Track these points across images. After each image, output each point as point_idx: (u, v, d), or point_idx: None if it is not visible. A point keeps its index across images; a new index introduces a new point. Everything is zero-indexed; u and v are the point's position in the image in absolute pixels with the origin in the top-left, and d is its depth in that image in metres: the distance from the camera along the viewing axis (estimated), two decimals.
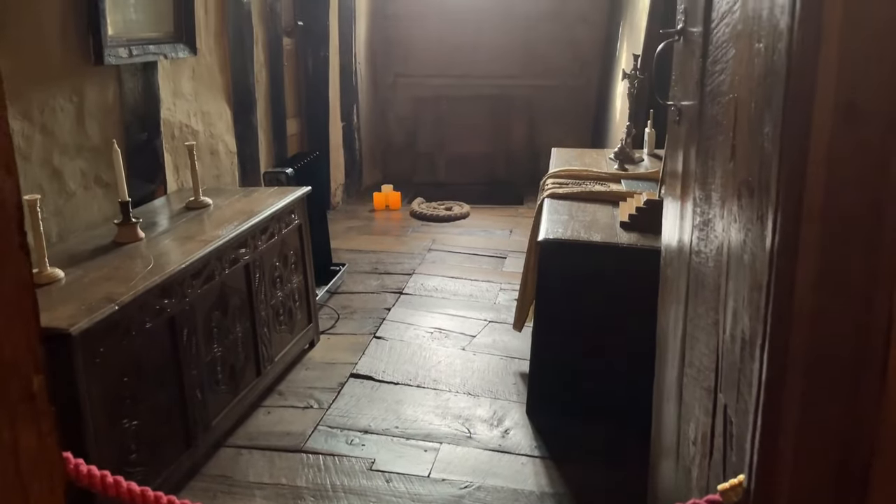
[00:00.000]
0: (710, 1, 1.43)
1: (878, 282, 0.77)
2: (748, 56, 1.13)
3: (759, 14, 1.06)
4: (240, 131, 4.19)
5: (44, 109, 2.68)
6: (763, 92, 1.03)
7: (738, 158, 1.18)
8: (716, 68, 1.37)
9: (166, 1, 3.38)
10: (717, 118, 1.35)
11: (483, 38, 6.85)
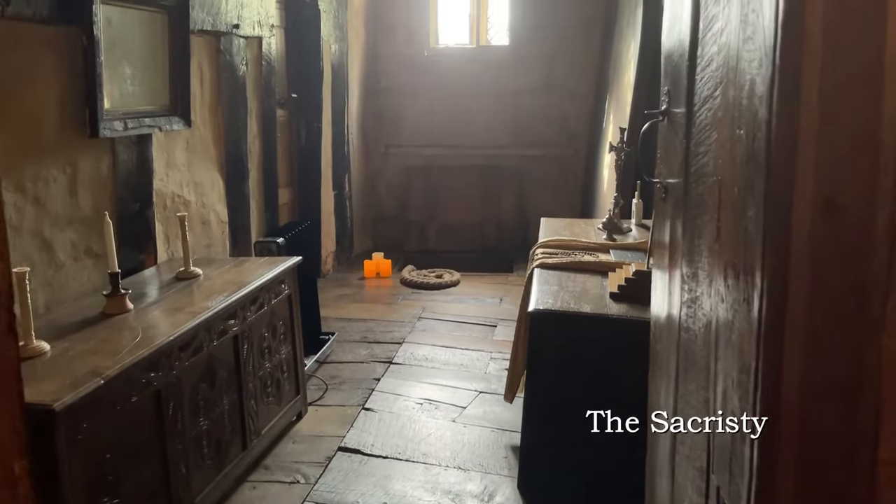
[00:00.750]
0: (692, 85, 1.48)
1: (863, 369, 0.78)
2: (730, 141, 1.17)
3: (740, 102, 1.10)
4: (232, 201, 4.22)
5: (37, 181, 2.70)
6: (745, 176, 1.06)
7: (723, 239, 1.20)
8: (699, 150, 1.41)
9: (162, 75, 3.45)
10: (703, 198, 1.38)
11: (473, 109, 7.01)
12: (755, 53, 1.02)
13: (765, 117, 0.87)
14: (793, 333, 0.81)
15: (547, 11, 6.74)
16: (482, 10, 7.04)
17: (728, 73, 1.18)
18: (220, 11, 3.96)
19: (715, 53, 1.29)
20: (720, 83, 1.24)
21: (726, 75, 1.20)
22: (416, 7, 6.96)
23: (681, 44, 1.62)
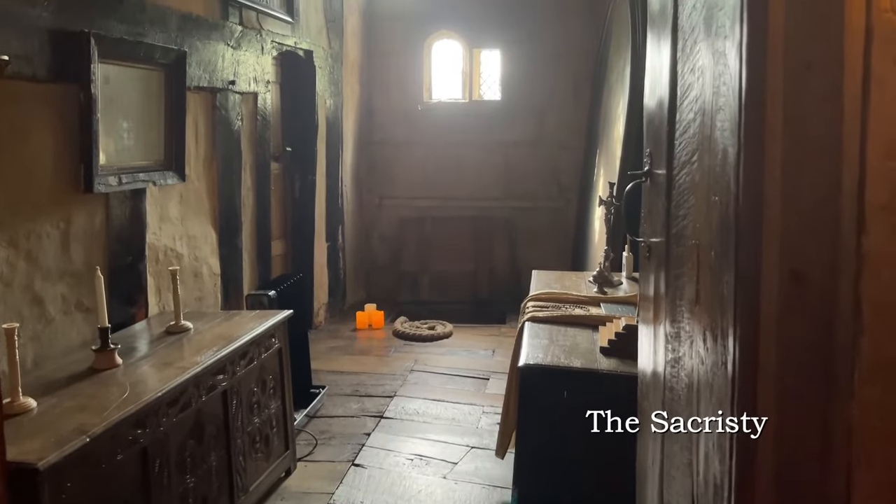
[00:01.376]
0: (671, 149, 1.52)
1: (833, 435, 0.79)
2: (706, 206, 1.20)
3: (714, 169, 1.14)
4: (224, 253, 4.24)
5: (30, 236, 2.72)
6: (720, 242, 1.09)
7: (702, 302, 1.22)
8: (679, 212, 1.44)
9: (158, 131, 3.51)
10: (683, 259, 1.41)
11: (466, 161, 7.10)
12: (727, 123, 1.05)
13: (733, 191, 0.90)
14: (765, 400, 0.82)
15: (538, 68, 6.89)
16: (475, 66, 7.19)
17: (703, 141, 1.22)
18: (217, 68, 4.04)
19: (691, 120, 1.33)
20: (697, 149, 1.28)
21: (702, 143, 1.24)
22: (411, 63, 7.11)
23: (660, 108, 1.67)
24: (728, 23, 1.04)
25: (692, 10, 1.34)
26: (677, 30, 1.48)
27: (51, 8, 2.73)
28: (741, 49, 0.86)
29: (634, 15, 4.75)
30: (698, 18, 1.28)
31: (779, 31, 0.78)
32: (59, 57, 2.78)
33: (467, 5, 6.90)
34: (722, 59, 1.09)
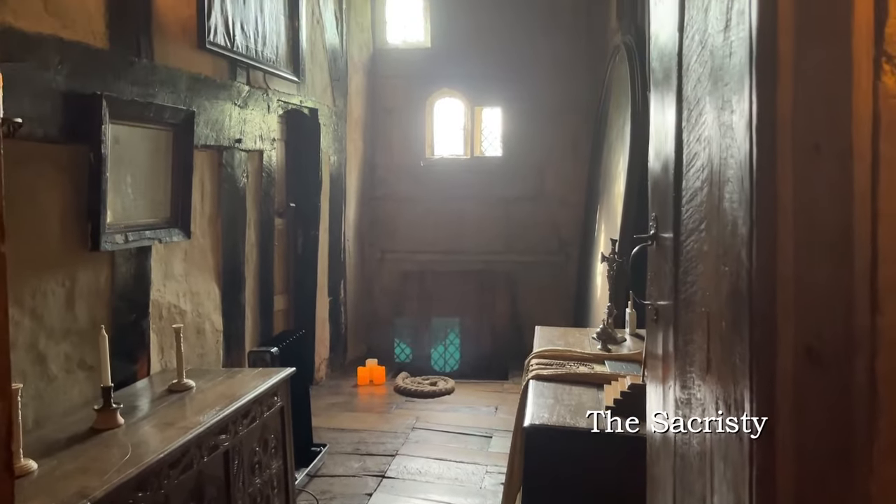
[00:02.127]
0: (678, 216, 1.54)
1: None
2: (716, 275, 1.21)
3: (723, 238, 1.15)
4: (227, 309, 4.24)
5: (35, 295, 2.73)
6: (731, 312, 1.09)
7: (713, 371, 1.22)
8: (688, 279, 1.45)
9: (164, 188, 3.55)
10: (692, 326, 1.41)
11: (467, 216, 7.15)
12: (735, 195, 1.07)
13: (746, 265, 0.91)
14: (784, 478, 0.82)
15: (539, 125, 7.01)
16: (476, 123, 7.31)
17: (711, 210, 1.24)
18: (224, 127, 4.11)
19: (698, 188, 1.35)
20: (704, 218, 1.30)
21: (710, 212, 1.26)
22: (413, 120, 7.23)
23: (666, 173, 1.69)
24: (735, 98, 1.07)
25: (697, 83, 1.37)
26: (682, 99, 1.52)
27: (64, 71, 2.79)
28: (751, 129, 0.88)
29: (634, 75, 4.85)
30: (703, 91, 1.31)
31: (787, 114, 0.80)
32: (70, 118, 2.83)
33: (469, 64, 7.04)
34: (729, 133, 1.11)
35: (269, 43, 4.69)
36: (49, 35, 2.71)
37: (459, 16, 7.06)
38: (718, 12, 1.20)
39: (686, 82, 1.47)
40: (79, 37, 2.89)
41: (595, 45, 6.81)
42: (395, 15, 7.34)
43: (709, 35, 1.27)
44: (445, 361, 6.72)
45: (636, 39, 5.01)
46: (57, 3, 2.76)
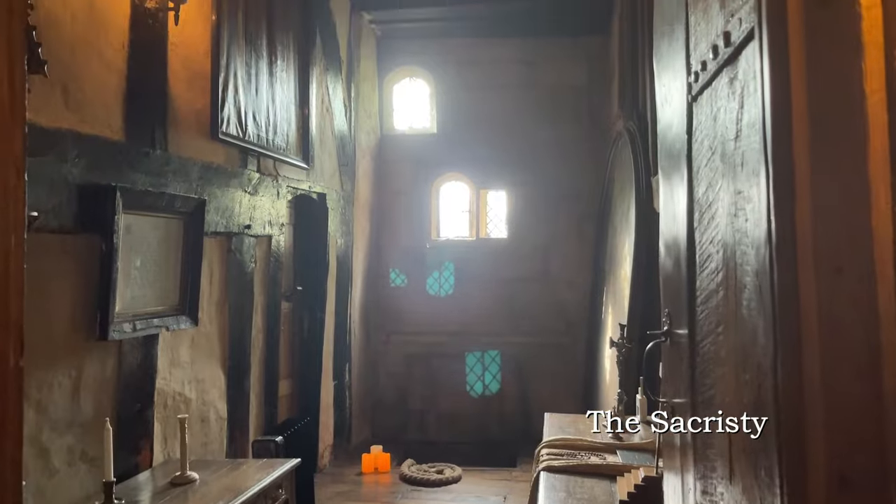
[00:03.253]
0: (692, 314, 1.54)
1: None
2: (735, 382, 1.19)
3: (744, 347, 1.14)
4: (232, 396, 4.19)
5: (41, 387, 2.70)
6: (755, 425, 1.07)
7: (737, 482, 1.18)
8: (706, 381, 1.43)
9: (174, 276, 3.56)
10: (713, 438, 1.38)
11: (473, 297, 7.14)
12: (753, 303, 1.07)
13: (770, 380, 0.90)
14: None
15: (543, 207, 7.08)
16: (482, 206, 7.39)
17: (729, 316, 1.23)
18: (234, 214, 4.16)
19: (713, 291, 1.35)
20: (722, 322, 1.29)
21: (727, 317, 1.25)
22: (419, 202, 7.32)
23: (678, 270, 1.69)
24: (749, 207, 1.08)
25: (708, 187, 1.39)
26: (693, 199, 1.53)
27: (81, 164, 2.85)
28: (770, 246, 0.89)
29: (637, 160, 4.93)
30: (715, 195, 1.32)
31: (807, 237, 0.81)
32: (84, 209, 2.87)
33: (474, 149, 7.18)
34: (744, 240, 1.12)
35: (280, 131, 4.80)
36: (67, 130, 2.78)
37: (464, 103, 7.25)
38: (728, 121, 1.23)
39: (697, 184, 1.49)
40: (96, 130, 2.96)
41: (597, 131, 6.95)
42: (402, 102, 7.53)
43: (718, 142, 1.30)
44: (451, 446, 6.58)
45: (638, 125, 5.12)
46: (77, 99, 2.84)
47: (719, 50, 1.24)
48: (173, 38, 3.53)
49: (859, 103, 0.76)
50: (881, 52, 0.75)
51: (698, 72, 1.41)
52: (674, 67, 1.74)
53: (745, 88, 1.11)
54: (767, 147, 0.90)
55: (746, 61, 1.11)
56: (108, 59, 3.05)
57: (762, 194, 0.96)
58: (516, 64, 7.25)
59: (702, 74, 1.38)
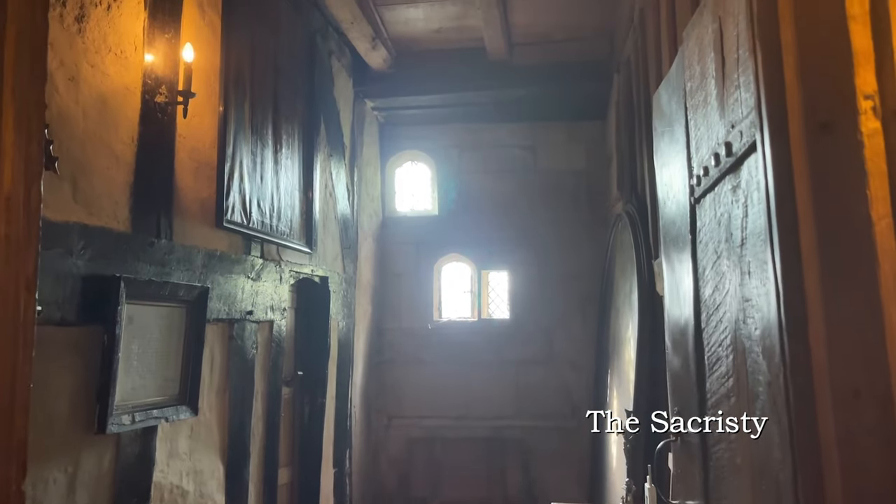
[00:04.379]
0: (703, 414, 1.51)
1: None
2: (752, 493, 1.16)
3: (758, 457, 1.12)
4: (231, 488, 4.08)
5: (36, 483, 2.63)
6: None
7: None
8: (721, 487, 1.40)
9: (175, 366, 3.53)
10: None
11: (476, 380, 7.07)
12: (769, 414, 1.05)
13: (790, 498, 0.88)
14: None
15: (545, 288, 7.09)
16: (484, 286, 7.40)
17: (741, 423, 1.21)
18: (236, 300, 4.16)
19: (724, 395, 1.34)
20: (734, 429, 1.27)
21: (740, 423, 1.23)
22: (421, 283, 7.33)
23: (686, 371, 1.68)
24: (758, 315, 1.08)
25: (715, 289, 1.39)
26: (699, 300, 1.53)
27: (86, 255, 2.86)
28: (784, 371, 0.88)
29: (638, 244, 4.96)
30: (721, 298, 1.32)
31: (822, 361, 0.80)
32: (88, 300, 2.87)
33: (475, 230, 7.25)
34: (755, 348, 1.11)
35: (284, 216, 4.85)
36: (75, 222, 2.80)
37: (465, 185, 7.36)
38: (733, 228, 1.24)
39: (703, 285, 1.50)
40: (103, 222, 2.99)
41: (597, 212, 7.03)
42: (404, 185, 7.65)
43: (723, 247, 1.31)
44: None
45: (637, 208, 5.17)
46: (85, 192, 2.89)
47: (721, 158, 1.26)
48: (181, 129, 3.61)
49: (867, 229, 0.77)
50: (885, 181, 0.76)
51: (700, 176, 1.44)
52: (674, 165, 1.77)
53: (749, 198, 1.12)
54: (777, 270, 0.90)
55: (749, 172, 1.12)
56: (118, 152, 3.12)
57: (772, 309, 0.96)
58: (516, 148, 7.40)
59: (704, 179, 1.40)
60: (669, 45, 2.46)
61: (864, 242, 0.76)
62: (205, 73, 3.82)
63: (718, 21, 1.32)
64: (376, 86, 6.67)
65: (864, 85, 0.81)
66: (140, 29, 3.27)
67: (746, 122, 1.11)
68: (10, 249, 0.88)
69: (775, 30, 0.95)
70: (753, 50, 1.00)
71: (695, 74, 1.51)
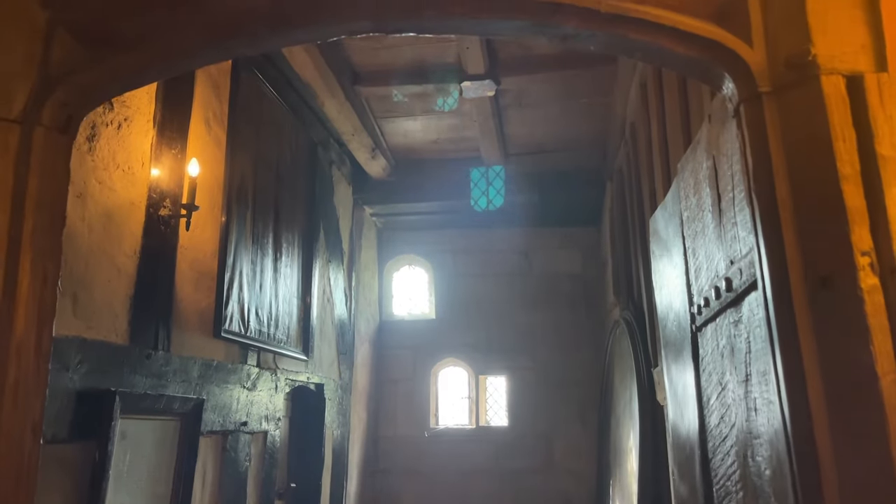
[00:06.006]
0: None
1: None
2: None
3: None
4: None
5: None
6: None
7: None
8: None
9: (166, 481, 3.44)
10: None
11: (474, 490, 6.87)
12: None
13: None
14: None
15: (544, 394, 7.02)
16: (481, 392, 7.31)
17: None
18: (231, 411, 4.09)
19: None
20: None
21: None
22: (418, 389, 7.25)
23: (694, 497, 1.64)
24: (766, 455, 1.07)
25: (720, 420, 1.38)
26: (705, 429, 1.52)
27: (82, 370, 2.83)
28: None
29: (637, 352, 4.94)
30: (727, 427, 1.31)
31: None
32: (81, 416, 2.81)
33: (472, 334, 7.23)
34: (766, 487, 1.10)
35: (282, 324, 4.84)
36: (74, 337, 2.79)
37: (462, 289, 7.40)
38: (738, 362, 1.25)
39: (708, 414, 1.49)
40: (101, 335, 2.98)
41: (594, 316, 7.04)
42: (401, 289, 7.69)
43: (728, 379, 1.31)
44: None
45: (635, 315, 5.18)
46: (85, 307, 2.89)
47: (721, 292, 1.28)
48: (183, 241, 3.65)
49: (873, 384, 0.78)
50: (888, 337, 0.78)
51: (701, 305, 1.46)
52: (673, 287, 1.80)
53: (751, 335, 1.14)
54: (786, 417, 0.91)
55: (750, 309, 1.14)
56: (120, 265, 3.14)
57: (783, 457, 0.96)
58: (512, 253, 7.49)
59: (705, 310, 1.42)
60: (662, 170, 2.55)
61: (872, 397, 0.77)
62: (209, 184, 3.91)
63: (713, 159, 1.37)
64: (375, 193, 6.81)
65: (860, 242, 0.84)
66: (148, 145, 3.37)
67: (745, 261, 1.13)
68: (18, 395, 0.88)
69: (770, 184, 0.99)
70: (750, 201, 1.04)
71: (691, 205, 1.55)
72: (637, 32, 1.23)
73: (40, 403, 0.93)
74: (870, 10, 1.01)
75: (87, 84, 1.21)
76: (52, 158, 1.01)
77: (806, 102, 1.00)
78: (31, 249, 0.93)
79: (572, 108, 5.77)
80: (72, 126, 1.18)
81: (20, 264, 0.91)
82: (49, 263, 0.95)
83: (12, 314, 0.90)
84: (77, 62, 1.18)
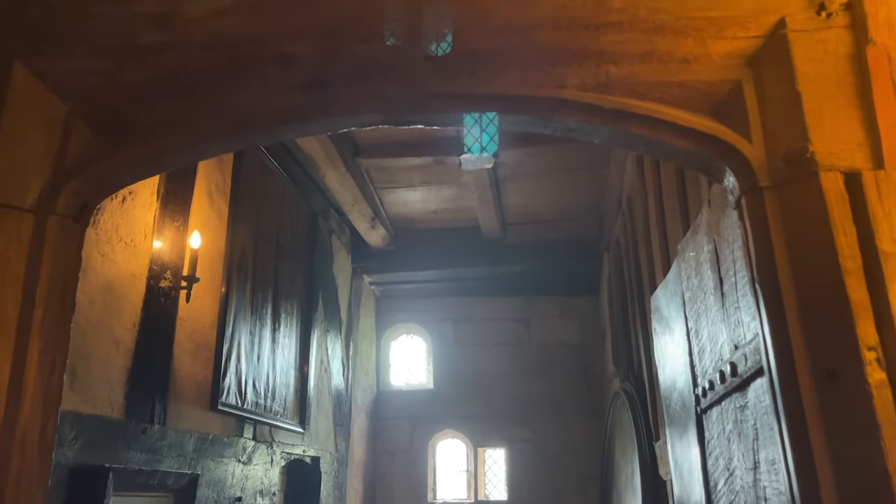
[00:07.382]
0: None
1: None
2: None
3: None
4: None
5: None
6: None
7: None
8: None
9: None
10: None
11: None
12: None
13: None
14: None
15: (544, 465, 6.90)
16: (480, 465, 7.18)
17: None
18: (226, 486, 4.00)
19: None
20: None
21: None
22: (415, 461, 7.11)
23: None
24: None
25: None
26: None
27: (76, 445, 2.79)
28: None
29: (638, 425, 4.87)
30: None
31: None
32: (72, 493, 2.75)
33: (471, 404, 7.14)
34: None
35: (279, 396, 4.79)
36: (69, 411, 2.75)
37: (460, 358, 7.34)
38: (745, 449, 1.24)
39: (716, 499, 1.46)
40: (97, 410, 2.94)
41: (594, 387, 6.98)
42: (399, 358, 7.63)
43: (735, 465, 1.30)
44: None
45: (635, 386, 5.14)
46: (82, 381, 2.86)
47: (726, 377, 1.28)
48: (182, 312, 3.65)
49: (885, 481, 0.77)
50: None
51: (706, 388, 1.45)
52: (676, 366, 1.79)
53: (758, 422, 1.13)
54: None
55: (756, 396, 1.14)
56: (118, 337, 3.13)
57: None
58: (510, 321, 7.47)
59: (710, 393, 1.42)
60: (660, 245, 2.57)
61: (885, 497, 0.76)
62: (209, 255, 3.93)
63: (713, 243, 1.39)
64: (374, 262, 6.84)
65: (866, 336, 0.85)
66: (151, 218, 3.40)
67: (750, 347, 1.14)
68: (20, 489, 0.87)
69: (774, 275, 1.01)
70: (754, 291, 1.05)
71: (693, 286, 1.57)
72: (639, 127, 1.26)
73: (42, 495, 0.91)
74: (865, 109, 1.05)
75: (102, 174, 1.23)
76: (65, 246, 1.03)
77: (806, 198, 1.02)
78: (39, 339, 0.93)
79: (569, 180, 5.86)
80: (85, 214, 1.21)
81: (28, 354, 0.91)
82: (57, 353, 0.95)
83: (18, 405, 0.89)
84: (93, 153, 1.21)
